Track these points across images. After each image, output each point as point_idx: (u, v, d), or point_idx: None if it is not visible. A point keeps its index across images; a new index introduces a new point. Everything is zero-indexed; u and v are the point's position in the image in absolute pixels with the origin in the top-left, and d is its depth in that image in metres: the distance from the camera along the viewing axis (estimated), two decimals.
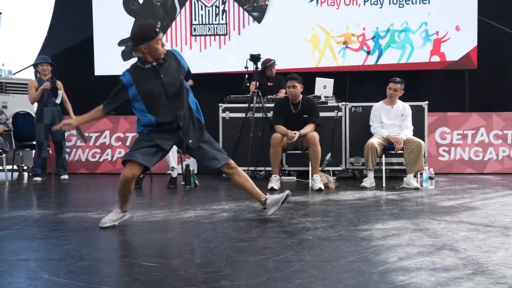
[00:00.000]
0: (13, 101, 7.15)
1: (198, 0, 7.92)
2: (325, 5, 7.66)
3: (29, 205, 4.51)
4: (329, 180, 5.28)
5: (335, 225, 3.31)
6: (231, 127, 6.08)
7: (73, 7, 8.21)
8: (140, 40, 3.15)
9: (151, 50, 3.16)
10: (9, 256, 2.62)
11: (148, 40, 3.13)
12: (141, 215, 3.71)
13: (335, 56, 7.67)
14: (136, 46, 3.18)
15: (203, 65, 7.86)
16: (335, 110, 5.95)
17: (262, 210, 3.57)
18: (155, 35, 3.15)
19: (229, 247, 2.77)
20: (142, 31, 3.19)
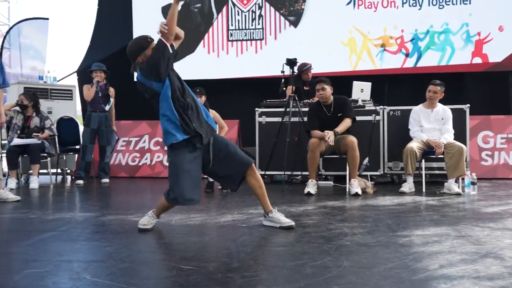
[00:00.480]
0: (58, 107, 7.41)
1: (234, 6, 7.99)
2: (362, 7, 7.57)
3: (72, 207, 4.65)
4: (367, 185, 5.20)
5: (374, 231, 3.25)
6: (267, 131, 6.09)
7: (114, 16, 8.46)
8: (135, 52, 3.25)
9: (147, 59, 3.21)
10: (53, 257, 2.71)
11: (143, 50, 3.24)
12: (179, 219, 3.77)
13: (372, 59, 7.57)
14: (134, 60, 3.25)
15: (240, 70, 7.92)
16: (373, 114, 5.86)
17: (266, 215, 3.48)
18: (148, 44, 3.26)
19: (266, 251, 2.77)
20: (135, 43, 3.31)
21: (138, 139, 7.24)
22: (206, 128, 3.29)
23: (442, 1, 7.37)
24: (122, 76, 8.18)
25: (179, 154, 3.20)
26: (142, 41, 3.28)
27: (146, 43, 3.26)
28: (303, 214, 3.97)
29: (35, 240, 3.13)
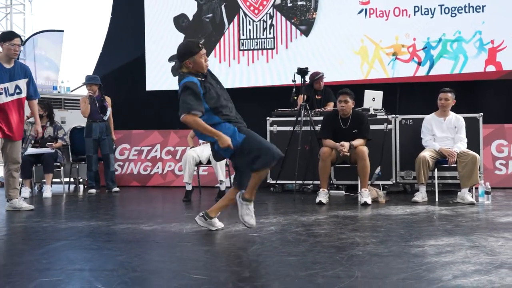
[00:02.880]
0: (71, 117, 7.50)
1: (246, 15, 8.04)
2: (373, 16, 7.57)
3: (85, 216, 4.68)
4: (379, 194, 5.16)
5: (386, 241, 3.22)
6: (278, 140, 6.06)
7: (126, 26, 8.56)
8: (185, 55, 3.40)
9: (195, 64, 3.40)
10: (66, 265, 2.73)
11: (192, 55, 3.38)
12: (190, 228, 3.77)
13: (384, 68, 7.55)
14: (182, 61, 3.41)
15: (251, 79, 7.96)
16: (385, 122, 5.83)
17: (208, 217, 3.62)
18: (198, 50, 3.41)
19: (277, 261, 2.76)
20: (187, 47, 3.46)
21: (149, 148, 7.28)
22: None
23: (454, 9, 7.34)
24: (134, 86, 8.30)
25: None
26: (193, 45, 3.45)
27: (197, 48, 3.41)
28: (315, 223, 3.95)
29: (48, 249, 3.15)
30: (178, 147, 7.18)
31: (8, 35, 4.84)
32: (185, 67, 3.44)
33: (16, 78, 4.74)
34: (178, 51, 3.47)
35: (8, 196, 4.88)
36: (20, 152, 4.94)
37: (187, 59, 3.39)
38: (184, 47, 3.48)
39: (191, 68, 3.42)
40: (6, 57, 4.68)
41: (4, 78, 4.66)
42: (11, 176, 4.87)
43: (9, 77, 4.68)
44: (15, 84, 4.73)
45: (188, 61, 3.39)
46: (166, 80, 8.20)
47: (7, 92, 4.67)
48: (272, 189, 6.16)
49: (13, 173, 4.88)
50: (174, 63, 8.20)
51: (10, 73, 4.70)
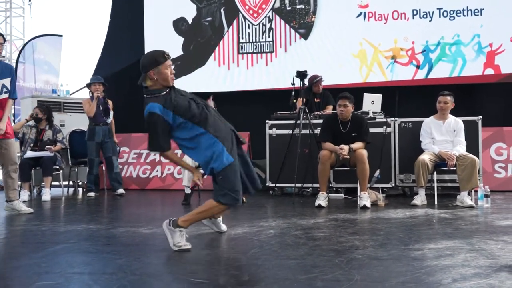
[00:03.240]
0: (70, 120, 7.50)
1: (245, 19, 8.06)
2: (372, 20, 7.60)
3: (84, 220, 4.67)
4: (378, 198, 5.16)
5: (385, 244, 3.22)
6: (278, 143, 6.09)
7: (126, 29, 8.57)
8: (150, 65, 3.13)
9: (160, 76, 3.13)
10: (65, 269, 2.72)
11: (158, 64, 3.12)
12: (189, 231, 3.75)
13: (383, 71, 7.57)
14: (146, 72, 3.14)
15: (250, 82, 7.97)
16: (384, 126, 5.84)
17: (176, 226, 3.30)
18: (164, 60, 3.14)
19: (276, 264, 2.76)
20: (152, 56, 3.18)
21: (148, 151, 7.26)
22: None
23: (453, 12, 7.36)
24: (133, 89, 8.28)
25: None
26: (158, 55, 3.18)
27: (162, 59, 3.15)
28: (314, 227, 3.95)
29: (47, 252, 3.15)
30: (177, 150, 7.15)
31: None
32: (148, 79, 3.15)
33: (2, 77, 4.69)
34: (141, 62, 3.18)
35: (8, 197, 4.87)
36: (16, 151, 4.91)
37: (151, 69, 3.11)
38: (148, 56, 3.21)
39: (155, 80, 3.14)
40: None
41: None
42: (10, 177, 4.85)
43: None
44: (1, 83, 4.68)
45: (152, 71, 3.11)
46: None
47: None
48: (271, 192, 6.16)
49: (11, 174, 4.86)
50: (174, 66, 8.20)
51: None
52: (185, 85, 8.11)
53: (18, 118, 8.02)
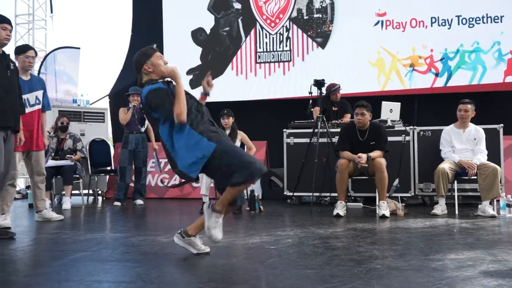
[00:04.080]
0: (90, 129, 7.61)
1: (262, 29, 8.10)
2: (390, 28, 7.57)
3: (103, 228, 4.72)
4: (397, 207, 5.10)
5: (405, 254, 3.18)
6: (295, 152, 6.08)
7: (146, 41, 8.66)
8: (141, 59, 3.17)
9: (155, 67, 3.15)
10: (85, 277, 2.75)
11: (148, 57, 3.16)
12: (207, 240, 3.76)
13: (401, 79, 7.52)
14: (140, 69, 3.16)
15: (268, 92, 8.00)
16: (403, 134, 5.79)
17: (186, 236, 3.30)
18: (153, 52, 3.18)
19: (294, 274, 2.74)
20: (141, 52, 3.22)
21: (167, 160, 7.31)
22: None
23: (472, 20, 7.29)
24: None
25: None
26: (146, 49, 3.23)
27: (151, 50, 3.20)
28: (332, 236, 3.92)
29: (67, 260, 3.18)
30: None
31: (22, 47, 4.99)
32: (144, 74, 3.17)
33: (35, 89, 4.90)
34: (133, 62, 3.21)
35: (37, 207, 4.98)
36: (43, 163, 5.04)
37: (144, 63, 3.14)
38: (138, 54, 3.23)
39: (151, 72, 3.15)
40: (22, 69, 4.80)
41: (24, 89, 4.75)
42: (37, 187, 4.98)
43: (29, 89, 4.82)
44: (35, 95, 4.88)
45: (146, 65, 3.14)
46: None
47: (28, 103, 4.80)
48: (289, 201, 6.14)
49: (39, 185, 4.99)
50: (192, 76, 8.29)
51: (29, 84, 4.84)
52: None
53: None
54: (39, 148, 4.92)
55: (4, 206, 4.56)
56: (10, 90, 3.96)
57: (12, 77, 4.02)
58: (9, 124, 3.97)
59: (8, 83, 3.94)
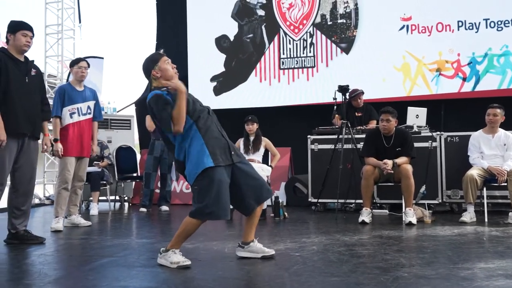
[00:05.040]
0: (117, 136, 7.73)
1: (286, 35, 8.11)
2: (415, 32, 7.47)
3: (130, 234, 4.78)
4: (424, 214, 5.02)
5: (433, 262, 3.12)
6: (320, 159, 6.05)
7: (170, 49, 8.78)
8: (149, 65, 3.20)
9: (162, 72, 3.17)
10: (111, 282, 2.79)
11: (156, 62, 3.19)
12: (232, 246, 3.78)
13: (427, 84, 7.41)
14: (149, 75, 3.20)
15: (292, 98, 7.98)
16: (429, 140, 5.70)
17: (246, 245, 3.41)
18: (160, 56, 3.22)
19: (320, 281, 2.72)
20: (148, 58, 3.25)
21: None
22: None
23: (500, 23, 7.14)
24: None
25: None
26: (153, 54, 3.30)
27: (158, 55, 3.25)
28: (358, 243, 3.87)
29: (94, 265, 3.23)
30: None
31: (76, 59, 5.30)
32: (154, 79, 3.20)
33: (88, 99, 5.13)
34: (142, 69, 3.25)
35: (68, 212, 5.10)
36: (86, 170, 5.19)
37: (152, 69, 3.18)
38: (146, 60, 3.25)
39: (159, 77, 3.17)
40: (76, 80, 5.11)
41: (78, 99, 5.05)
42: (75, 193, 5.13)
43: (82, 99, 5.07)
44: (87, 105, 5.10)
45: (154, 71, 3.17)
46: (208, 100, 8.32)
47: (80, 111, 5.02)
48: (313, 208, 6.10)
49: (77, 190, 5.15)
50: (216, 83, 8.35)
51: (82, 95, 5.09)
52: (227, 101, 8.27)
53: None
54: (87, 154, 5.12)
55: (58, 209, 4.85)
56: (27, 96, 3.97)
57: (30, 83, 4.03)
58: (22, 131, 3.94)
59: (24, 90, 3.95)
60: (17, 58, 3.97)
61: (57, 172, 5.25)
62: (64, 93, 4.99)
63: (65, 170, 4.93)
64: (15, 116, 3.88)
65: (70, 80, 5.28)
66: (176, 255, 3.15)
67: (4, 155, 3.84)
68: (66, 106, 4.97)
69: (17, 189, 4.03)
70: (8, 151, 3.85)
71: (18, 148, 3.95)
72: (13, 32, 3.95)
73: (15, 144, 3.91)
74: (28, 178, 4.08)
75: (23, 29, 3.97)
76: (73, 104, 4.99)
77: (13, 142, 3.88)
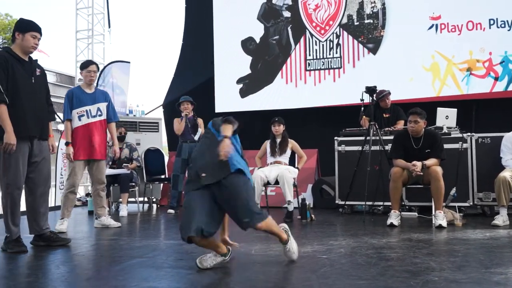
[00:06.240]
0: (145, 139, 7.85)
1: (312, 36, 8.08)
2: (445, 31, 7.34)
3: (158, 235, 4.84)
4: (455, 217, 4.91)
5: (464, 266, 3.05)
6: (347, 160, 6.01)
7: (196, 52, 8.90)
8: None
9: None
10: (140, 283, 2.83)
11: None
12: (259, 248, 3.78)
13: (458, 84, 7.26)
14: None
15: (318, 99, 7.95)
16: (460, 141, 5.58)
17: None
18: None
19: (347, 284, 2.69)
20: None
21: None
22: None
23: None
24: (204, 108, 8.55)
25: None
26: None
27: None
28: (386, 246, 3.82)
29: (123, 266, 3.29)
30: None
31: (85, 63, 5.32)
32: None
33: (98, 101, 5.17)
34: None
35: (97, 214, 5.21)
36: (104, 172, 5.27)
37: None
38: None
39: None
40: (86, 83, 5.17)
41: (87, 101, 5.10)
42: (98, 195, 5.23)
43: (91, 101, 5.12)
44: (97, 107, 5.14)
45: None
46: (234, 102, 8.39)
47: (90, 114, 5.07)
48: (340, 210, 6.06)
49: (100, 193, 5.24)
50: (242, 85, 8.38)
51: (92, 97, 5.14)
52: (253, 103, 8.29)
53: None
54: (100, 157, 5.15)
55: (65, 211, 4.93)
56: (34, 97, 3.90)
57: (36, 83, 3.94)
58: (32, 134, 3.87)
59: (31, 91, 3.88)
60: (22, 58, 3.87)
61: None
62: (73, 96, 5.03)
63: (72, 174, 5.01)
64: (24, 119, 3.80)
65: (80, 83, 5.34)
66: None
67: (18, 158, 3.78)
68: (75, 109, 5.02)
69: (34, 191, 3.97)
70: (20, 154, 3.79)
71: (29, 150, 3.88)
72: (23, 31, 3.83)
73: (26, 147, 3.86)
74: (44, 179, 4.03)
75: (33, 30, 3.86)
76: (82, 107, 5.04)
77: (24, 144, 3.83)
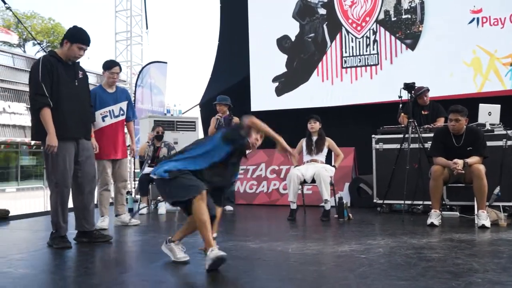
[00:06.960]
0: (183, 138, 7.97)
1: (348, 33, 7.99)
2: (487, 25, 7.10)
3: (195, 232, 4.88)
4: (499, 217, 4.75)
5: (509, 268, 2.95)
6: (385, 159, 5.90)
7: (232, 51, 8.97)
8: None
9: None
10: (178, 279, 2.88)
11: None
12: (296, 247, 3.78)
13: (501, 79, 7.01)
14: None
15: (355, 97, 7.85)
16: (503, 138, 5.38)
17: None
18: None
19: (386, 285, 2.65)
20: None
21: (255, 167, 7.45)
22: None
23: None
24: (240, 107, 8.59)
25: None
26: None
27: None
28: (426, 246, 3.74)
29: (162, 263, 3.35)
30: (282, 166, 7.27)
31: (109, 63, 5.24)
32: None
33: (120, 101, 5.19)
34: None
35: (117, 211, 5.32)
36: (127, 169, 5.35)
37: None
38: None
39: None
40: (107, 84, 5.17)
41: (109, 101, 5.13)
42: (120, 193, 5.33)
43: (113, 100, 5.15)
44: (119, 107, 5.18)
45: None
46: (270, 100, 8.40)
47: (112, 114, 5.13)
48: (379, 209, 5.96)
49: (121, 190, 5.33)
50: (278, 84, 8.38)
51: (114, 97, 5.17)
52: (289, 102, 8.28)
53: (137, 137, 8.67)
54: (122, 156, 5.22)
55: (103, 208, 5.05)
56: (77, 99, 3.99)
57: (79, 86, 4.03)
58: (76, 136, 3.98)
59: (75, 93, 3.97)
60: (66, 62, 3.96)
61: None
62: (96, 96, 5.01)
63: (103, 173, 5.09)
64: (68, 121, 3.88)
65: (102, 83, 5.30)
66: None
67: (65, 157, 3.90)
68: (98, 110, 5.03)
69: (83, 190, 4.10)
70: (67, 153, 3.92)
71: (76, 149, 4.00)
72: (71, 41, 3.90)
73: (72, 147, 3.97)
74: (91, 176, 4.17)
75: (81, 43, 3.93)
76: (105, 107, 5.05)
77: (70, 144, 3.93)
